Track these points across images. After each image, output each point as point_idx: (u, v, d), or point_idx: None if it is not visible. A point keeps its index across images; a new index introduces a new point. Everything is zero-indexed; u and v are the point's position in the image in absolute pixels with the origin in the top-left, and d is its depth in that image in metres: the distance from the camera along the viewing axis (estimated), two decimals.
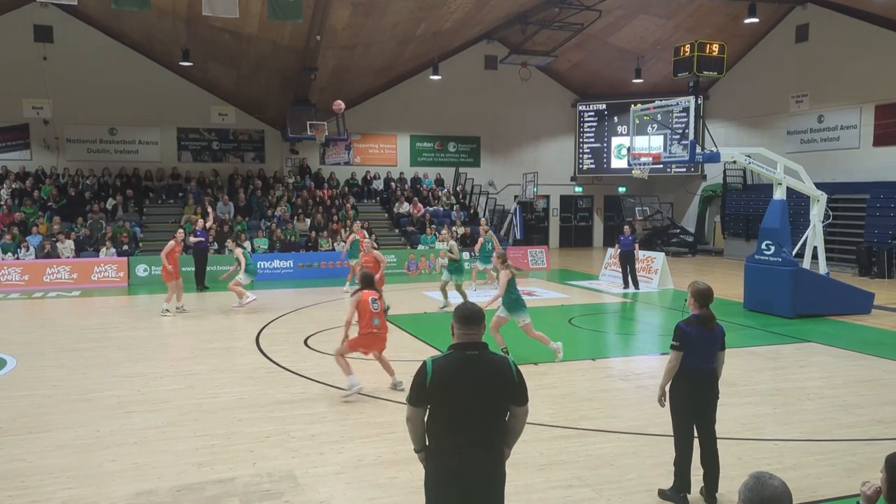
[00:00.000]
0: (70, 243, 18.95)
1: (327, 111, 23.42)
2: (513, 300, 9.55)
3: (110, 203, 21.75)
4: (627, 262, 17.03)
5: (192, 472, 5.84)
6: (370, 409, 7.55)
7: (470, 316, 3.55)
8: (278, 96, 24.16)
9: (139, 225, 21.45)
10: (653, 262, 17.91)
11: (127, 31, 22.74)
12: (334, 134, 24.00)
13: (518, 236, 25.27)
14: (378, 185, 26.63)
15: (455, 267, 14.22)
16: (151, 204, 22.92)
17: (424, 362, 3.52)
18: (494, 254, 10.47)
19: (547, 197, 29.89)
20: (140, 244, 20.46)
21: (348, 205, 24.11)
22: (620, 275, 17.38)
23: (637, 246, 17.13)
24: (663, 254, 18.69)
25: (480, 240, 16.99)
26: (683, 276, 18.34)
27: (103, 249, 19.13)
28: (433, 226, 23.37)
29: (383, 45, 22.98)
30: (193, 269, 17.61)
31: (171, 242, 13.68)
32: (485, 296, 12.96)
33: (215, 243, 20.17)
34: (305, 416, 7.33)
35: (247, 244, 20.65)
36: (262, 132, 26.06)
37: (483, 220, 19.80)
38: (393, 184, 26.38)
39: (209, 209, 19.70)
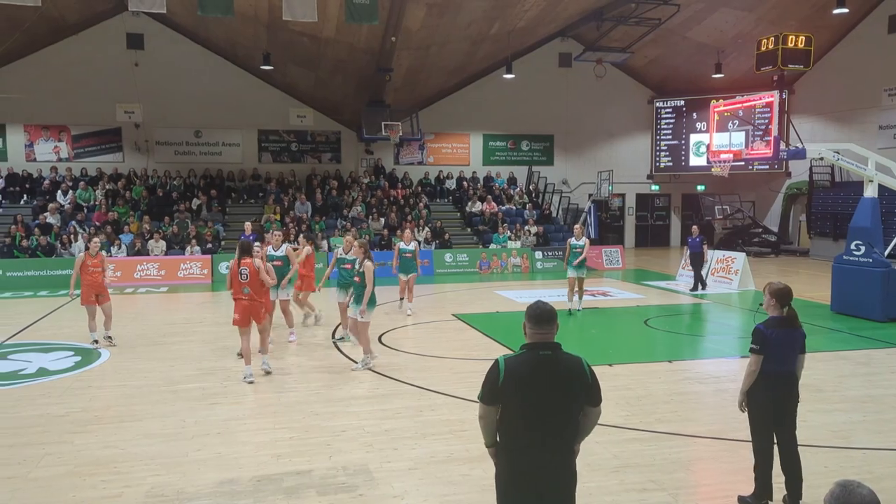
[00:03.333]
0: (162, 243, 19.84)
1: (402, 111, 23.75)
2: None
3: (195, 203, 22.64)
4: (695, 264, 16.56)
5: (271, 463, 6.03)
6: (444, 407, 7.62)
7: (543, 315, 3.54)
8: (354, 98, 24.61)
9: (222, 224, 22.24)
10: (733, 263, 17.35)
11: (212, 37, 23.63)
12: (408, 134, 24.29)
13: (592, 235, 24.92)
14: (451, 184, 26.77)
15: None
16: (233, 204, 23.73)
17: (497, 361, 3.51)
18: None
19: (622, 195, 29.37)
20: (223, 242, 21.21)
21: (421, 204, 24.33)
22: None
23: (706, 247, 16.63)
24: (744, 254, 18.09)
25: (568, 241, 14.24)
26: (765, 277, 17.68)
27: (188, 247, 19.94)
28: (505, 224, 23.33)
29: (457, 45, 23.08)
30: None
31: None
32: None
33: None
34: (380, 411, 7.45)
35: (323, 243, 21.15)
36: (338, 133, 26.59)
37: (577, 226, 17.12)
38: (465, 183, 26.46)
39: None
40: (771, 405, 5.10)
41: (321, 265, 17.49)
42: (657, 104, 29.16)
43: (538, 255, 21.98)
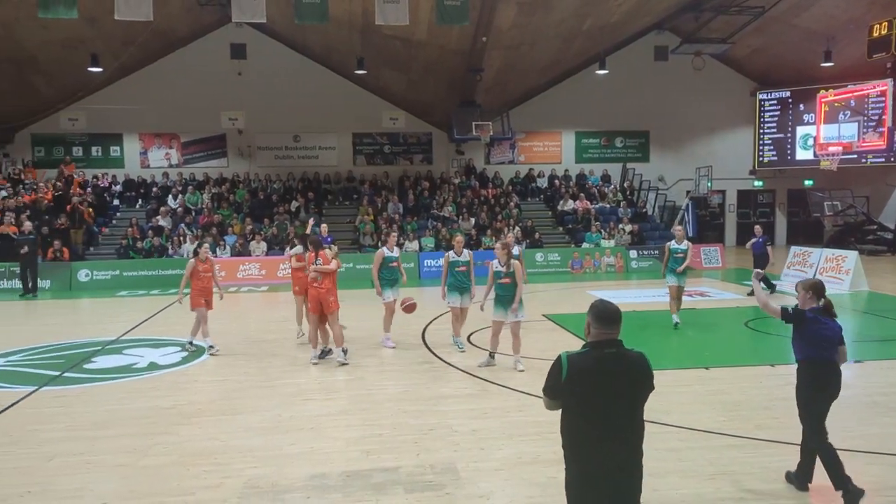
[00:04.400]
0: (263, 244, 20.69)
1: (492, 111, 23.77)
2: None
3: (294, 205, 23.45)
4: (759, 266, 15.69)
5: (360, 459, 6.17)
6: (532, 408, 7.57)
7: (609, 315, 3.55)
8: (445, 99, 24.82)
9: (318, 225, 22.90)
10: (844, 262, 16.39)
11: (309, 44, 24.41)
12: (499, 133, 24.29)
13: (690, 234, 24.12)
14: (542, 182, 26.55)
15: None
16: (329, 205, 24.44)
17: (559, 357, 3.53)
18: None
19: (722, 192, 28.27)
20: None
21: (512, 203, 24.25)
22: (804, 274, 16.08)
23: (770, 248, 15.77)
24: (856, 252, 17.03)
25: (667, 245, 12.44)
26: (881, 278, 16.61)
27: (287, 248, 20.65)
28: (598, 223, 22.92)
29: (548, 43, 22.86)
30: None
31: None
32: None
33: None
34: (467, 411, 7.48)
35: (414, 243, 21.44)
36: (429, 134, 26.90)
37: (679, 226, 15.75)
38: (557, 181, 26.17)
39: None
40: (818, 393, 5.29)
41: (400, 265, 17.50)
42: (760, 96, 27.87)
43: (633, 254, 21.48)
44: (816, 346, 5.26)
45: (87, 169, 24.62)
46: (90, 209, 21.94)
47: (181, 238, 20.84)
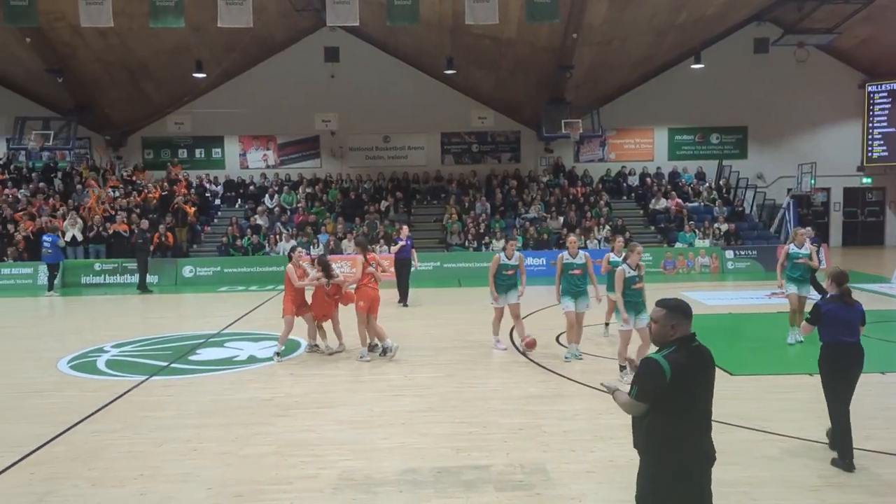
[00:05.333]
0: (353, 242, 21.18)
1: (582, 108, 23.44)
2: None
3: (383, 204, 23.88)
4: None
5: (451, 456, 6.24)
6: (623, 411, 7.43)
7: (689, 310, 3.73)
8: (534, 97, 24.67)
9: (407, 224, 23.26)
10: None
11: (400, 45, 24.80)
12: (589, 131, 23.93)
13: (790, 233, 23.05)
14: (633, 180, 25.98)
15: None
16: (418, 204, 24.75)
17: (654, 360, 3.59)
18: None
19: (827, 190, 26.84)
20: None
21: (602, 201, 23.85)
22: None
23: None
24: None
25: (784, 249, 11.16)
26: None
27: (377, 247, 21.06)
28: (692, 222, 22.23)
29: (641, 38, 22.35)
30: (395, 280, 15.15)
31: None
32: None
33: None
34: (557, 411, 7.43)
35: (502, 241, 21.40)
36: (518, 133, 26.80)
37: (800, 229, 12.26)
38: (649, 179, 25.55)
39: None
40: (836, 373, 5.92)
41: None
42: (870, 88, 26.29)
43: (729, 254, 20.72)
44: (835, 330, 5.91)
45: (192, 170, 25.85)
46: (194, 208, 23.05)
47: (277, 236, 21.61)
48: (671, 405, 3.57)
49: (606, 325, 11.27)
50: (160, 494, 5.45)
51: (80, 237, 20.78)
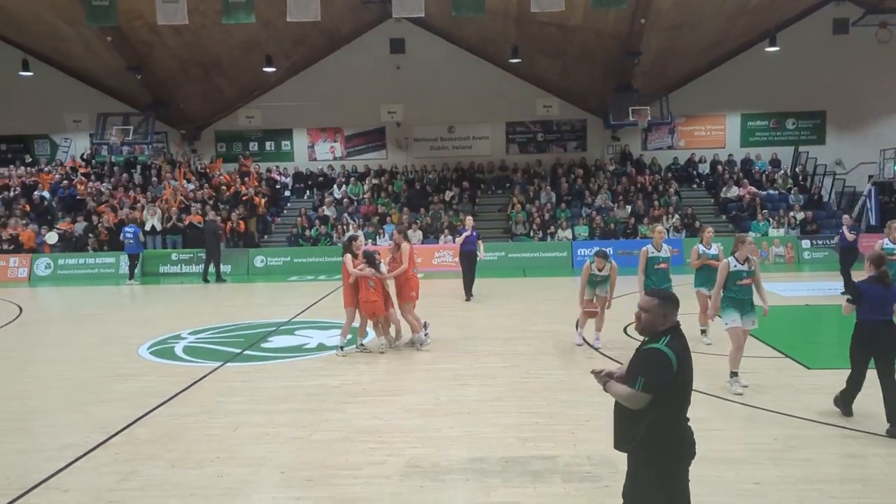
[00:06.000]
0: (419, 232, 21.37)
1: (650, 95, 22.94)
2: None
3: (448, 195, 23.97)
4: (844, 262, 14.02)
5: (517, 445, 6.25)
6: (694, 405, 7.28)
7: (678, 300, 3.75)
8: (600, 84, 24.28)
9: (472, 214, 23.28)
10: None
11: (464, 35, 24.76)
12: (657, 118, 23.44)
13: (872, 222, 22.02)
14: (704, 168, 25.30)
15: None
16: (482, 194, 24.73)
17: (661, 351, 3.55)
18: None
19: None
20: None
21: (671, 190, 23.32)
22: None
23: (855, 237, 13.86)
24: None
25: (882, 243, 10.38)
26: None
27: (442, 237, 21.20)
28: (765, 211, 21.52)
29: (711, 22, 21.69)
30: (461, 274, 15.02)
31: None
32: None
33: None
34: None
35: (567, 231, 21.23)
36: (584, 121, 26.44)
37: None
38: (720, 167, 24.82)
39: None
40: (868, 347, 6.43)
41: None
42: None
43: (805, 244, 19.99)
44: (868, 309, 6.40)
45: (262, 162, 26.53)
46: (264, 200, 23.66)
47: (344, 227, 21.98)
48: (675, 396, 3.57)
49: (703, 331, 9.91)
50: (235, 477, 5.65)
51: (158, 228, 21.63)
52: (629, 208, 22.50)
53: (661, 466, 3.64)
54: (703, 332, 9.90)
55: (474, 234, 14.66)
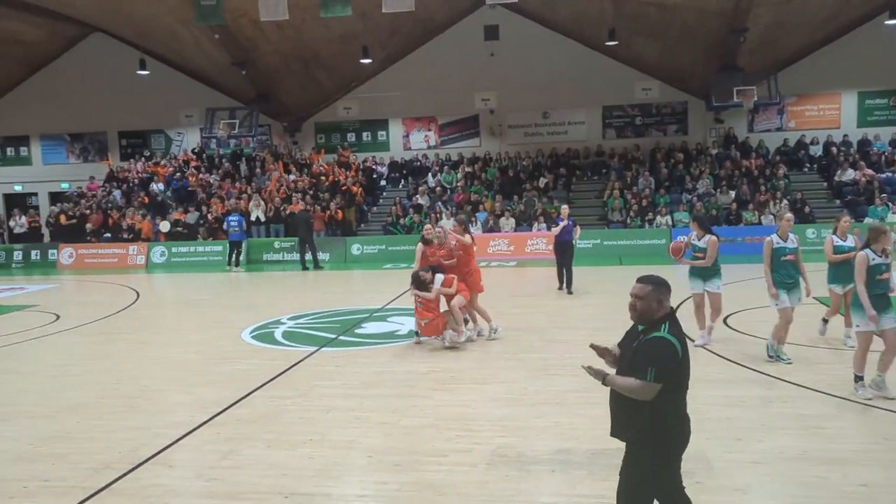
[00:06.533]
0: (512, 220, 21.30)
1: (757, 74, 21.83)
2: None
3: (542, 181, 23.71)
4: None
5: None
6: (798, 399, 6.94)
7: (669, 284, 3.73)
8: (703, 64, 23.29)
9: (566, 201, 22.95)
10: None
11: (559, 19, 24.35)
12: (764, 98, 22.30)
13: None
14: (815, 150, 23.87)
15: None
16: (578, 181, 24.32)
17: (667, 339, 3.53)
18: None
19: None
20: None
21: (780, 173, 22.14)
22: None
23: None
24: None
25: None
26: None
27: (535, 224, 21.02)
28: (884, 195, 20.08)
29: None
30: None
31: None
32: None
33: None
34: (721, 397, 7.07)
35: (666, 218, 20.58)
36: (685, 103, 25.48)
37: None
38: (834, 148, 23.34)
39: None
40: None
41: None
42: None
43: None
44: None
45: (359, 153, 27.11)
46: (361, 189, 24.19)
47: (438, 215, 22.17)
48: (676, 384, 3.57)
49: (825, 320, 9.36)
50: (326, 459, 5.83)
51: (262, 218, 22.54)
52: (733, 193, 21.53)
53: (660, 454, 3.64)
54: (825, 326, 9.41)
55: (570, 223, 14.15)
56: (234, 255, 20.40)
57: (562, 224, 13.99)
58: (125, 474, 5.62)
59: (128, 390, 8.04)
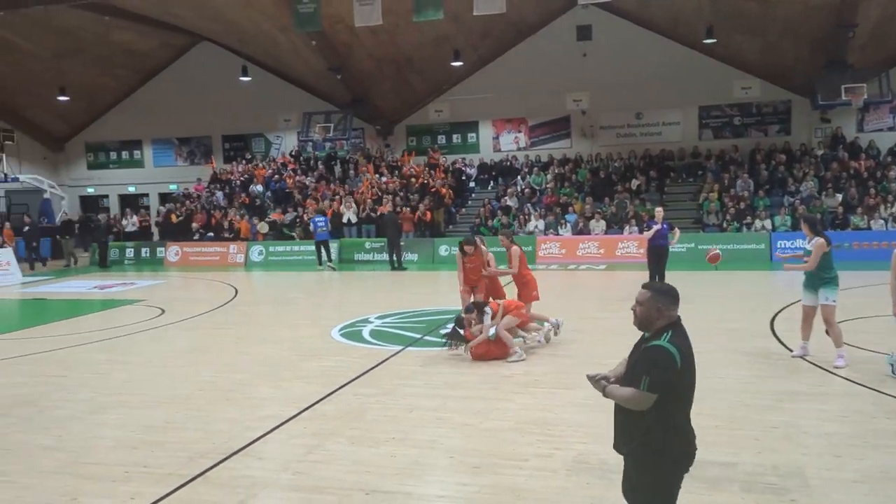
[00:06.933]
0: (602, 222, 20.94)
1: (867, 71, 20.59)
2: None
3: (634, 183, 23.19)
4: None
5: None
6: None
7: (678, 295, 3.65)
8: (807, 61, 22.19)
9: (659, 204, 22.33)
10: None
11: (654, 18, 23.76)
12: (875, 96, 21.00)
13: None
14: None
15: None
16: (671, 183, 23.64)
17: (663, 347, 3.45)
18: None
19: None
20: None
21: (891, 175, 20.78)
22: None
23: None
24: None
25: None
26: None
27: (626, 227, 20.57)
28: None
29: None
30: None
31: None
32: None
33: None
34: (819, 411, 6.72)
35: (766, 222, 19.73)
36: (787, 102, 24.34)
37: None
38: None
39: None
40: None
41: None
42: None
43: None
44: None
45: (449, 155, 27.34)
46: (449, 191, 24.38)
47: (526, 217, 22.06)
48: (677, 396, 3.47)
49: None
50: (408, 458, 5.92)
51: (353, 219, 23.10)
52: (839, 196, 20.37)
53: (659, 469, 3.51)
54: None
55: (665, 227, 13.49)
56: (321, 254, 21.04)
57: (655, 227, 13.43)
58: (217, 464, 5.89)
59: (223, 384, 8.42)
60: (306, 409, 7.27)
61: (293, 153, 28.93)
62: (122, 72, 29.38)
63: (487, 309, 9.14)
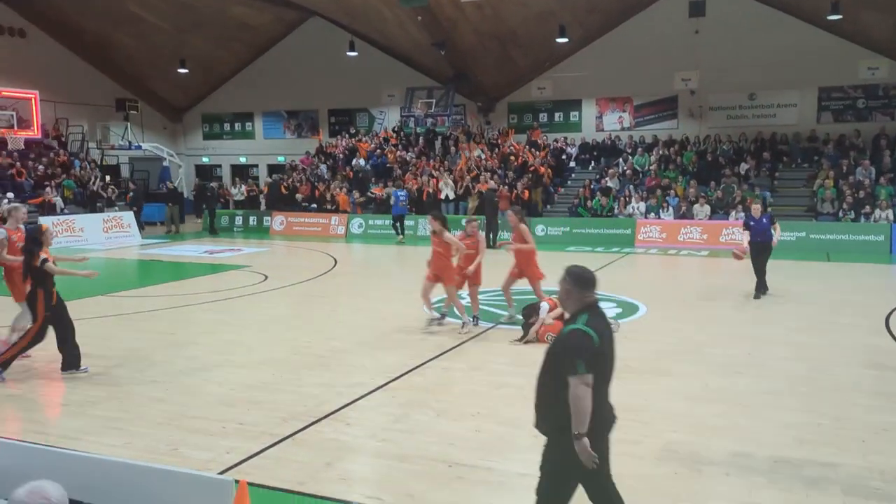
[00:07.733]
0: (707, 207, 20.13)
1: None
2: None
3: (743, 167, 22.12)
4: None
5: (791, 446, 5.67)
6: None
7: (594, 279, 3.75)
8: None
9: (770, 189, 21.25)
10: None
11: None
12: None
13: None
14: None
15: None
16: (784, 168, 22.40)
17: (580, 329, 3.57)
18: None
19: None
20: (769, 209, 20.28)
21: None
22: None
23: None
24: None
25: None
26: None
27: (733, 213, 19.70)
28: None
29: None
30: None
31: None
32: None
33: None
34: None
35: (888, 212, 18.42)
36: None
37: None
38: None
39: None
40: None
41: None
42: None
43: None
44: None
45: (550, 133, 26.92)
46: (549, 170, 24.05)
47: (627, 199, 21.49)
48: (597, 373, 3.58)
49: None
50: (492, 434, 5.95)
51: (451, 196, 23.21)
52: None
53: (570, 444, 3.64)
54: None
55: (765, 219, 11.79)
56: (398, 226, 21.65)
57: (752, 223, 11.83)
58: (308, 426, 6.12)
59: (318, 349, 8.72)
60: (395, 378, 7.42)
61: (395, 128, 29.31)
62: (237, 45, 30.54)
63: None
